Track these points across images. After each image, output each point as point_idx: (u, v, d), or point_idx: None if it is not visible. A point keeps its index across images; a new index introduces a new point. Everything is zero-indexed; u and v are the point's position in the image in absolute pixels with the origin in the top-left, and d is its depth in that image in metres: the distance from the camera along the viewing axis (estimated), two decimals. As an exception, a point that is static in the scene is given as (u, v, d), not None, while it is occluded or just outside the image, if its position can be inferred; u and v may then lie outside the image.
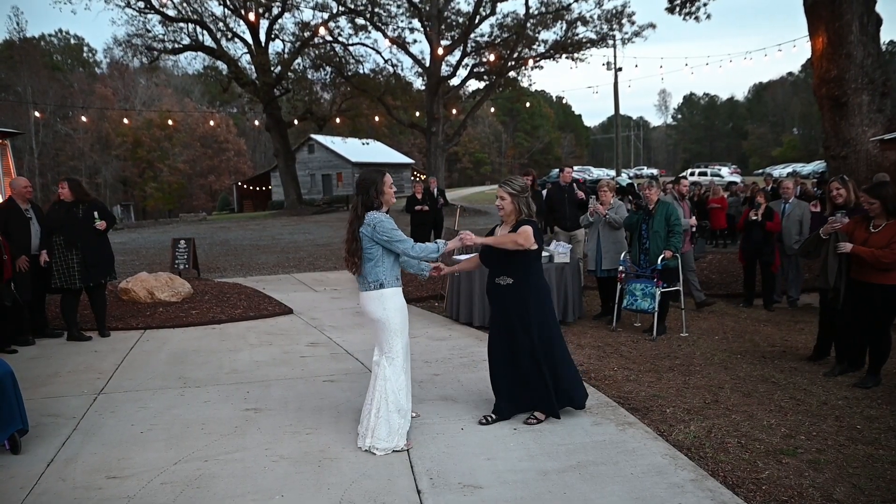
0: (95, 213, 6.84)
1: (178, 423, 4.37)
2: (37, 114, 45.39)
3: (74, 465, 3.72)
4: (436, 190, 12.89)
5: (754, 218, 7.98)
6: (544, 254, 7.16)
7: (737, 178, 33.28)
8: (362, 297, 3.96)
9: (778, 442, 3.96)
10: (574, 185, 8.89)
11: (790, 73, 78.96)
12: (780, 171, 41.19)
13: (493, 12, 28.24)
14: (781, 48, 25.24)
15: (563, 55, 28.53)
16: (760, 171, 46.99)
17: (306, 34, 30.01)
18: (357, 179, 4.00)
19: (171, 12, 29.46)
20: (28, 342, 6.61)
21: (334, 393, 4.97)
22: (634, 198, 8.59)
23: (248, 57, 32.04)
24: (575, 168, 44.73)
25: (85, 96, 55.62)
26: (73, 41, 69.99)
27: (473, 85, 32.77)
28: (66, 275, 6.67)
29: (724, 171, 42.38)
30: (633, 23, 27.65)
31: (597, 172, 40.54)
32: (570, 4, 27.50)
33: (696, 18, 20.11)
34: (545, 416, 4.24)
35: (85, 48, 71.26)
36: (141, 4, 28.78)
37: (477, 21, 28.23)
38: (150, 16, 29.51)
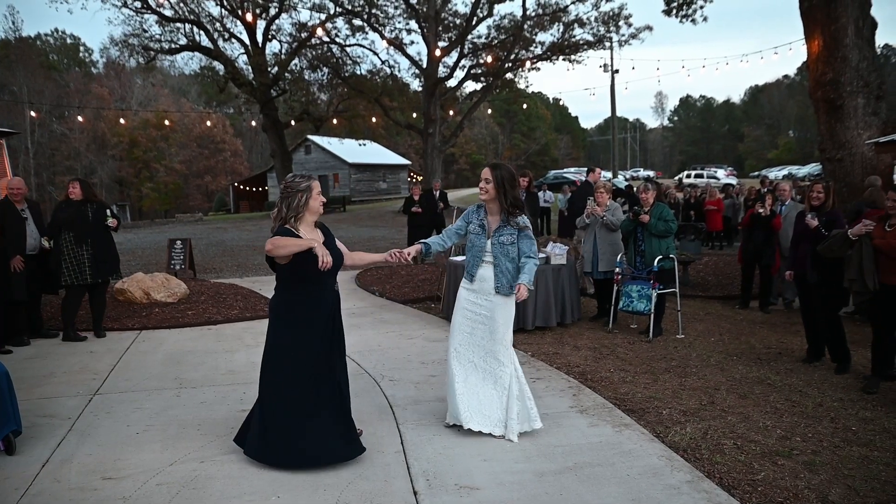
0: (108, 211, 7.00)
1: (173, 424, 4.35)
2: (32, 113, 45.24)
3: (70, 466, 3.71)
4: (438, 192, 12.84)
5: (761, 210, 7.95)
6: (541, 255, 7.17)
7: (733, 181, 33.36)
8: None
9: (774, 443, 3.97)
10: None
11: (786, 76, 79.12)
12: (775, 173, 41.33)
13: (490, 14, 28.27)
14: (777, 51, 25.35)
15: (560, 57, 28.56)
16: (756, 173, 47.05)
17: (303, 35, 29.97)
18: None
19: (168, 12, 29.37)
20: (23, 342, 6.60)
21: (331, 394, 4.95)
22: (630, 202, 8.55)
23: (244, 57, 31.96)
24: (571, 170, 44.91)
25: (81, 96, 55.40)
26: (69, 41, 69.76)
27: (470, 86, 32.86)
28: (78, 270, 6.70)
29: (720, 173, 42.47)
30: (629, 25, 27.71)
31: (593, 174, 40.53)
32: (567, 6, 27.54)
33: (693, 21, 20.18)
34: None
35: (81, 48, 71.02)
36: (137, 4, 28.69)
37: (474, 23, 28.24)
38: (146, 16, 29.41)
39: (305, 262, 3.51)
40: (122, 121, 48.70)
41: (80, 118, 45.05)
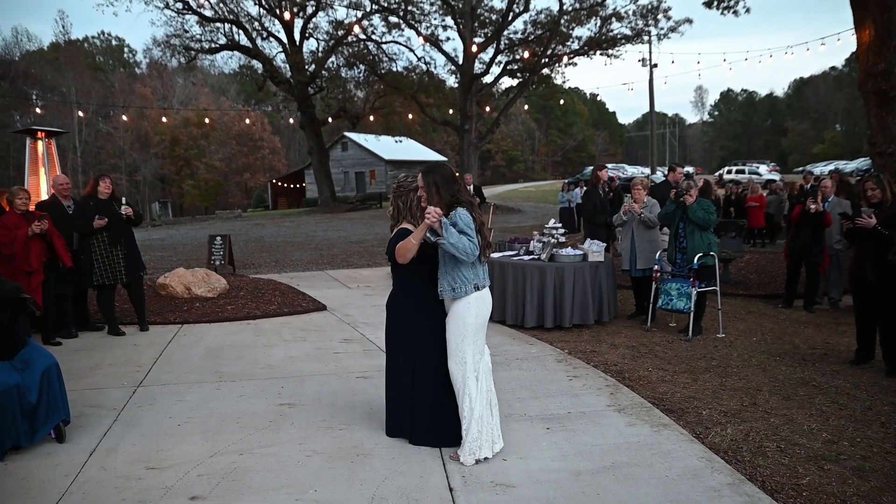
0: (123, 199, 7.03)
1: (213, 417, 4.44)
2: (80, 113, 46.77)
3: (115, 455, 3.82)
4: (472, 187, 12.83)
5: (812, 206, 7.64)
6: (578, 252, 7.09)
7: (776, 177, 32.45)
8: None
9: (819, 447, 3.85)
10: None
11: (833, 68, 76.42)
12: (821, 168, 40.02)
13: (526, 9, 28.09)
14: (825, 42, 24.58)
15: (598, 52, 28.21)
16: (800, 168, 45.67)
17: (340, 33, 30.28)
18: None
19: (208, 13, 30.02)
20: (71, 335, 6.80)
21: (367, 389, 5.00)
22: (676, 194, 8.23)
23: (282, 56, 32.49)
24: (609, 166, 44.31)
25: (125, 96, 57.00)
26: (114, 42, 71.83)
27: (507, 82, 32.71)
28: (110, 270, 6.82)
29: (763, 168, 41.35)
30: (668, 18, 27.21)
31: (631, 170, 39.91)
32: (604, 0, 27.17)
33: (735, 13, 19.53)
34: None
35: (125, 49, 73.05)
36: (179, 5, 29.41)
37: (510, 18, 28.11)
38: (187, 16, 30.15)
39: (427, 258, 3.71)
40: (164, 119, 49.94)
41: (124, 117, 46.36)
